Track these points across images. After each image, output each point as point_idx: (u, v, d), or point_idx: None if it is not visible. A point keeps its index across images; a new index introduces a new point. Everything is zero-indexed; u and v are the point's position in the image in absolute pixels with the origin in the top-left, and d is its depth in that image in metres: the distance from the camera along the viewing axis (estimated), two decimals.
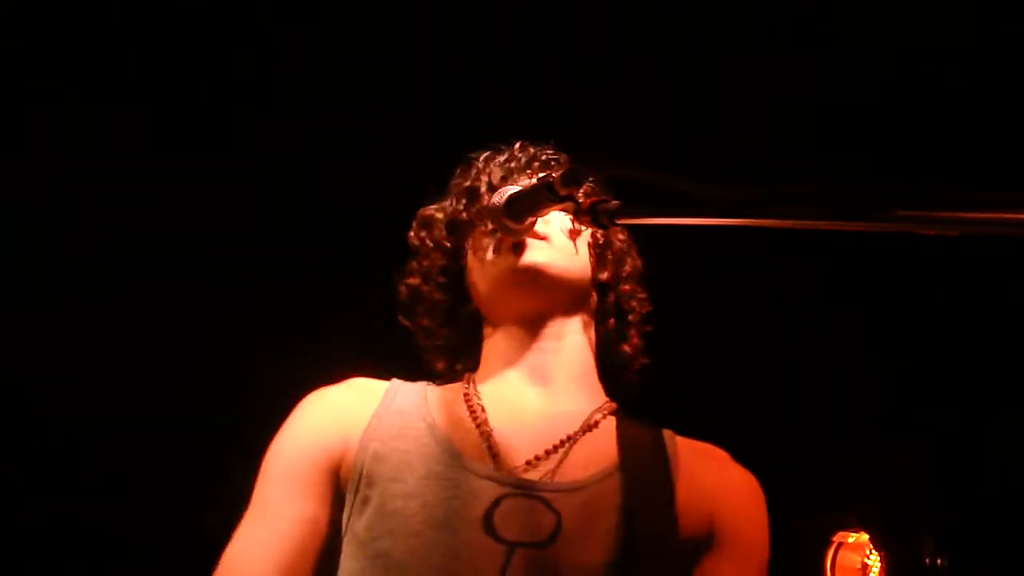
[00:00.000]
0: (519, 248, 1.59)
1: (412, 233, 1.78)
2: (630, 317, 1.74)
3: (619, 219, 1.34)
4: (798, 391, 3.25)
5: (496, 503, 1.46)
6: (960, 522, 3.15)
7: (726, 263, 2.94)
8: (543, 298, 1.63)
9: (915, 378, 3.21)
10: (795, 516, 3.12)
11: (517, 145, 1.75)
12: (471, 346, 1.73)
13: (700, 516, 1.53)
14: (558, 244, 1.62)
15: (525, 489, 1.48)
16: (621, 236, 1.76)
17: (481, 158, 1.75)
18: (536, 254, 1.59)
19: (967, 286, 3.01)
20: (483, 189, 1.69)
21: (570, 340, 1.65)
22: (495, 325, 1.69)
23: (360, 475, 1.51)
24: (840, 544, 3.42)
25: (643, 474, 1.52)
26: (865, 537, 3.36)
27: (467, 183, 1.72)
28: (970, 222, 1.02)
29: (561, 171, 1.38)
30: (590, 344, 1.69)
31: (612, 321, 1.73)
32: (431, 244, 1.74)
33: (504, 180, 1.67)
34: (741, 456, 1.65)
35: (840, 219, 1.09)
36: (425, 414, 1.58)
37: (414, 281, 1.76)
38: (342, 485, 1.53)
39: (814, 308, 3.23)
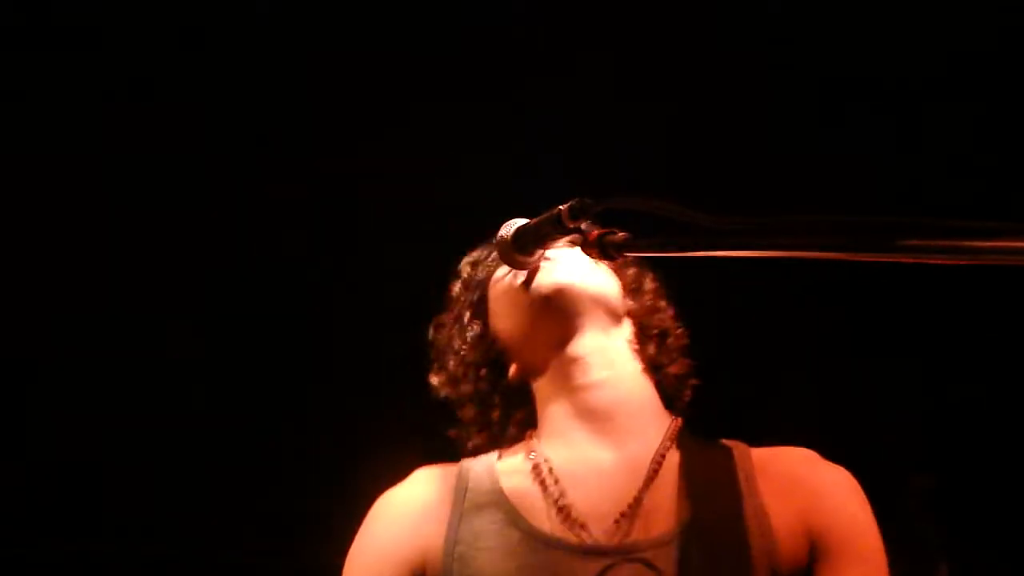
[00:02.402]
0: (532, 274, 1.58)
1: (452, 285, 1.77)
2: (668, 341, 1.69)
3: (626, 251, 1.33)
4: (808, 419, 3.23)
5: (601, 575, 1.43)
6: (975, 551, 3.12)
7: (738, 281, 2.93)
8: (569, 315, 1.58)
9: (930, 403, 3.18)
10: None
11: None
12: (516, 402, 1.68)
13: (798, 528, 1.46)
14: (568, 259, 1.60)
15: (623, 553, 1.44)
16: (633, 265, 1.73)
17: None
18: (549, 273, 1.58)
19: (984, 307, 2.99)
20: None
21: (620, 369, 1.59)
22: (538, 371, 1.63)
23: None
24: None
25: (721, 507, 1.47)
26: None
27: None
28: (981, 251, 1.01)
29: (568, 203, 1.37)
30: (644, 371, 1.63)
31: (652, 347, 1.67)
32: (457, 291, 1.73)
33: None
34: None
35: (849, 250, 1.08)
36: (502, 502, 1.53)
37: (446, 329, 1.73)
38: None
39: (824, 330, 3.21)
